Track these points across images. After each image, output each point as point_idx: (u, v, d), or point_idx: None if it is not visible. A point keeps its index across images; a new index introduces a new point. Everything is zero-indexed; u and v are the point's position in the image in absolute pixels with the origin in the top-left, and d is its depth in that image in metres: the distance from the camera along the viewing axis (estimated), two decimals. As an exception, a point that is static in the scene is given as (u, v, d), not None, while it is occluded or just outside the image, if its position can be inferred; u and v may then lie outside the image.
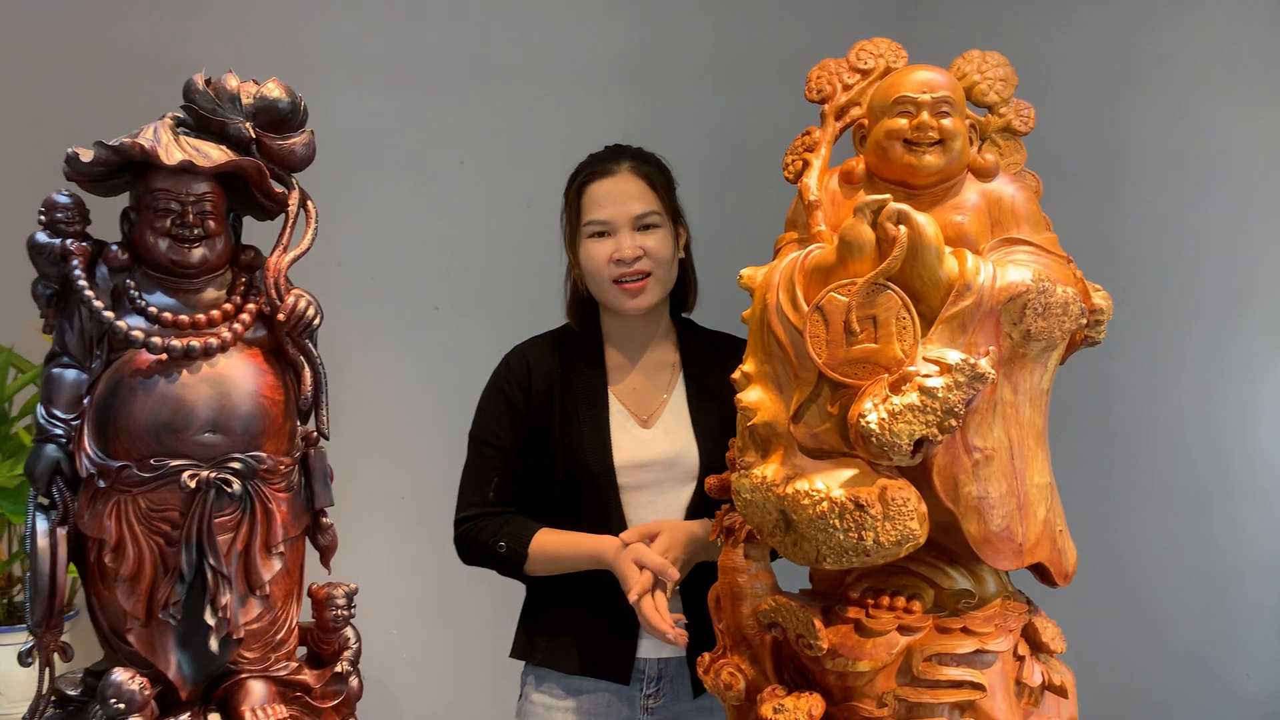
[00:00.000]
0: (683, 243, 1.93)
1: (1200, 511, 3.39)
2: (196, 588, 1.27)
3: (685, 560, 1.77)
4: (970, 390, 1.23)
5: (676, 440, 1.87)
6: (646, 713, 1.86)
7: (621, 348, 1.93)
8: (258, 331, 1.34)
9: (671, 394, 1.91)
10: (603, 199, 1.85)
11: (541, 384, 1.90)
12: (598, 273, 1.86)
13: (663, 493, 1.85)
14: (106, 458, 1.26)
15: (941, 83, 1.41)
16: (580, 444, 1.86)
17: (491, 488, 1.89)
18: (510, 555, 1.85)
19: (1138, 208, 3.27)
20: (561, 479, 1.88)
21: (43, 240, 1.31)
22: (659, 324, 1.94)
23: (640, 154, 1.91)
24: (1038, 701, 1.39)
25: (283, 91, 1.33)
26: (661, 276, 1.86)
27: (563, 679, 1.89)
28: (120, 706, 1.22)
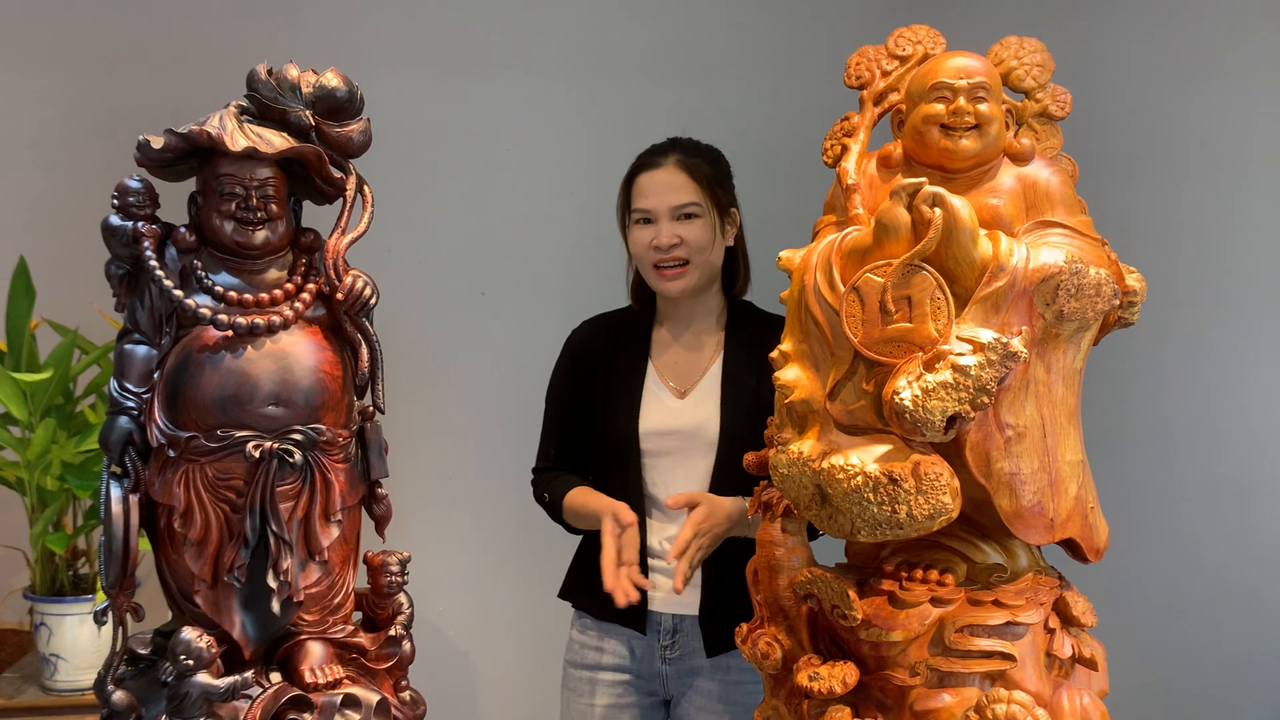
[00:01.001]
0: (733, 230, 2.03)
1: (1244, 502, 3.39)
2: (259, 552, 1.34)
3: (720, 534, 1.85)
4: (1002, 368, 1.27)
5: (702, 412, 1.97)
6: (665, 663, 2.00)
7: (670, 325, 2.06)
8: (317, 310, 1.39)
9: (710, 369, 2.01)
10: (647, 189, 1.98)
11: (594, 353, 2.06)
12: (641, 257, 2.00)
13: (684, 460, 1.97)
14: (176, 429, 1.33)
15: (978, 69, 1.44)
16: (614, 409, 2.00)
17: (552, 445, 2.10)
18: (552, 507, 2.05)
19: (1184, 193, 3.27)
20: (600, 441, 2.03)
21: (116, 223, 1.37)
22: (707, 304, 2.04)
23: (690, 147, 2.02)
24: (1068, 674, 1.42)
25: (340, 81, 1.39)
26: (700, 263, 1.96)
27: (595, 622, 2.05)
28: (189, 663, 1.29)
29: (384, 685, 1.44)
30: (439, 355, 2.90)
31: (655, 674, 2.00)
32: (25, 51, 3.05)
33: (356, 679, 1.40)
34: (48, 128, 3.05)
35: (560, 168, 2.95)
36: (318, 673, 1.36)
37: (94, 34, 3.05)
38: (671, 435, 1.97)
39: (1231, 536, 3.39)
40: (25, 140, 3.05)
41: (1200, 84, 3.24)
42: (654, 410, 1.99)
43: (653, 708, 2.03)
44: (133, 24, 3.06)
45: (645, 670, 2.01)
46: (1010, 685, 1.34)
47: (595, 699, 2.03)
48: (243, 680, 1.31)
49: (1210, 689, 3.41)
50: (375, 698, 1.38)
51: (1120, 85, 3.27)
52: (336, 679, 1.37)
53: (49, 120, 3.05)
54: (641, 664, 2.01)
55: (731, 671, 1.97)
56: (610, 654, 2.03)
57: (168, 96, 3.00)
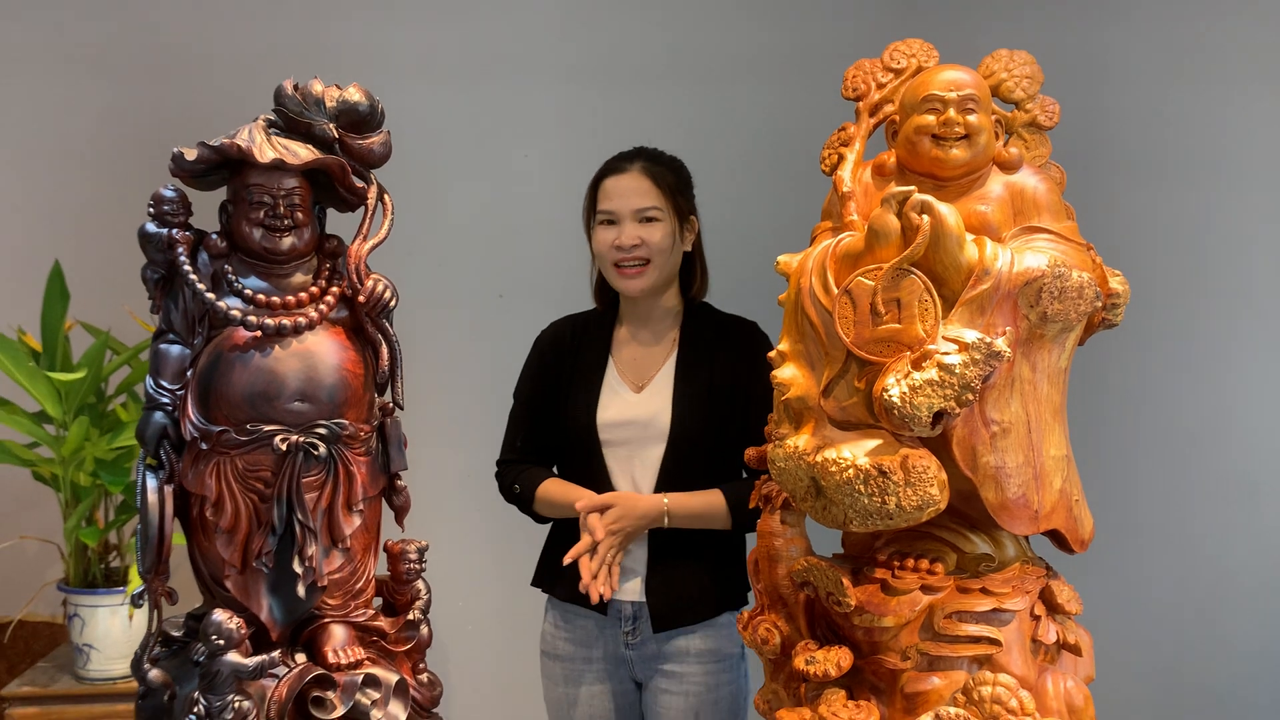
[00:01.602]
0: (692, 236, 2.12)
1: (1251, 500, 3.42)
2: (286, 540, 1.42)
3: (631, 531, 2.00)
4: (986, 367, 1.33)
5: (655, 404, 2.08)
6: (629, 648, 2.08)
7: (630, 324, 2.16)
8: (341, 312, 1.47)
9: (664, 365, 2.11)
10: (612, 192, 2.07)
11: (559, 352, 2.16)
12: (603, 256, 2.09)
13: (639, 449, 2.07)
14: (208, 423, 1.41)
15: (968, 81, 1.50)
16: (576, 403, 2.10)
17: (519, 438, 2.18)
18: (522, 497, 2.15)
19: (1187, 195, 3.31)
20: (564, 434, 2.13)
21: (152, 230, 1.44)
22: (664, 305, 2.14)
23: (654, 155, 2.12)
24: (1054, 659, 1.48)
25: (362, 95, 1.47)
26: (659, 264, 2.06)
27: (562, 607, 2.14)
28: (220, 642, 1.37)
29: (403, 667, 1.51)
30: (458, 356, 2.98)
31: (619, 658, 2.10)
32: (60, 64, 3.15)
33: (377, 660, 1.48)
34: (82, 138, 3.14)
35: (575, 173, 3.02)
36: (340, 654, 1.44)
37: (125, 48, 3.15)
38: (627, 426, 2.08)
39: (1242, 533, 3.43)
40: (61, 149, 3.15)
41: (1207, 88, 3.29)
42: (612, 403, 2.10)
43: (626, 693, 2.12)
44: (161, 38, 3.16)
45: (612, 655, 2.10)
46: (997, 669, 1.40)
47: (570, 686, 2.13)
48: (270, 660, 1.39)
49: (1221, 683, 3.45)
50: (394, 678, 1.46)
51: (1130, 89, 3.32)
52: (358, 660, 1.44)
53: (83, 130, 3.14)
54: (608, 649, 2.10)
55: (688, 654, 2.06)
56: (579, 642, 2.12)
57: (195, 107, 3.10)
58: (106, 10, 3.16)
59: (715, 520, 2.03)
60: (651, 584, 2.06)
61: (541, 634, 2.20)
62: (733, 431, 2.04)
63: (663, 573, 2.05)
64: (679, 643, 2.06)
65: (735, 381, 2.06)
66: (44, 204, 3.15)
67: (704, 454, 2.06)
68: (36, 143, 3.14)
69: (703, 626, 2.06)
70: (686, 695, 2.05)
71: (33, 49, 3.15)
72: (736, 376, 2.06)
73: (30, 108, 3.14)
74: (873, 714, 1.43)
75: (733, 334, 2.12)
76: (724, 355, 2.09)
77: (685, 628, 2.05)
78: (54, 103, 3.14)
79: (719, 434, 2.05)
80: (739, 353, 2.08)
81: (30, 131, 3.14)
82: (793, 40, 3.19)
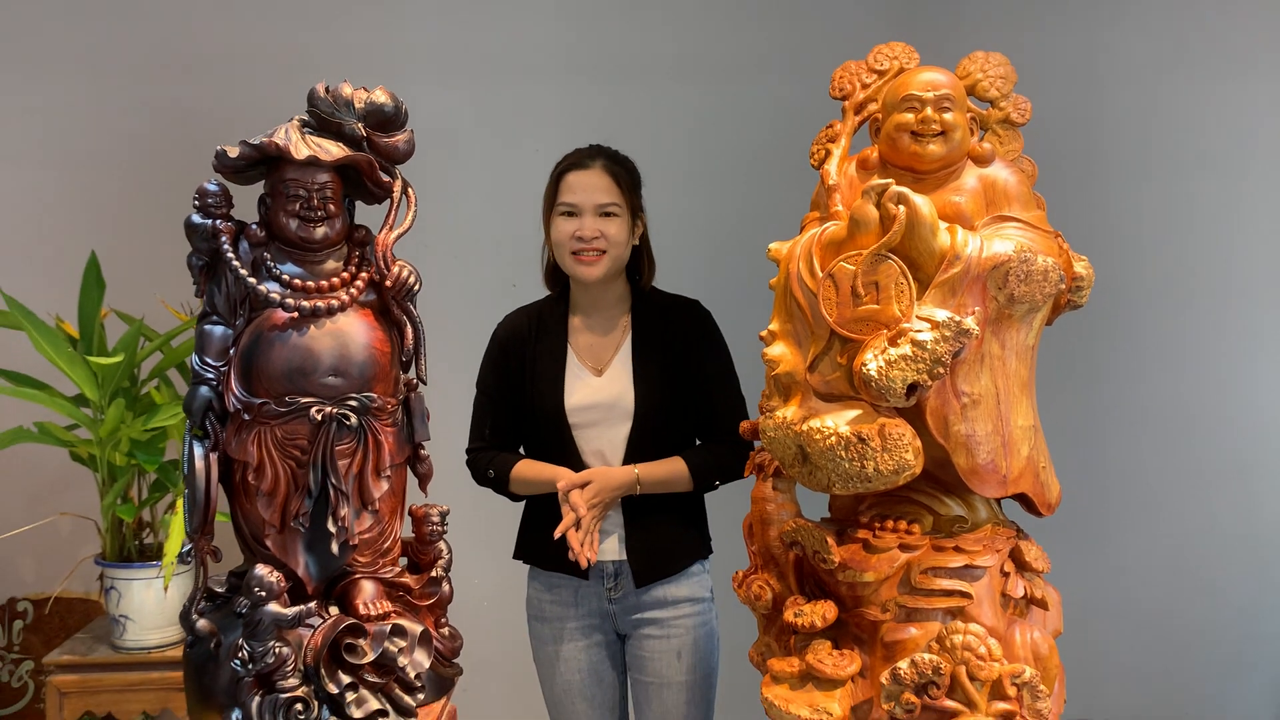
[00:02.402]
0: (639, 232, 2.26)
1: (1246, 481, 3.54)
2: (321, 502, 1.55)
3: (609, 501, 2.17)
4: (956, 343, 1.46)
5: (618, 385, 2.22)
6: (611, 602, 2.25)
7: (584, 312, 2.30)
8: (369, 295, 1.60)
9: (620, 348, 2.26)
10: (575, 186, 2.20)
11: (518, 343, 2.29)
12: (562, 244, 2.22)
13: (608, 429, 2.22)
14: (250, 396, 1.54)
15: (944, 82, 1.63)
16: (541, 391, 2.24)
17: (487, 426, 2.31)
18: (498, 480, 2.27)
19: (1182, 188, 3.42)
20: (532, 419, 2.26)
21: (197, 221, 1.57)
22: (615, 292, 2.28)
23: (613, 155, 2.26)
24: (1024, 613, 1.61)
25: (388, 98, 1.60)
26: (614, 255, 2.20)
27: (543, 575, 2.29)
28: (262, 594, 1.50)
29: (426, 620, 1.65)
30: (472, 342, 3.11)
31: (604, 613, 2.26)
32: (95, 68, 3.28)
33: (402, 613, 1.61)
34: (116, 138, 3.28)
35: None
36: (370, 606, 1.57)
37: (156, 52, 3.28)
38: (591, 408, 2.22)
39: (1237, 514, 3.55)
40: (96, 148, 3.28)
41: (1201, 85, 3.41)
42: (576, 388, 2.23)
43: (609, 645, 2.29)
44: (190, 42, 3.30)
45: (595, 611, 2.26)
46: (968, 620, 1.53)
47: (558, 644, 2.28)
48: (307, 610, 1.52)
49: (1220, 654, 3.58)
50: (419, 629, 1.59)
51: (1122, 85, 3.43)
52: (386, 612, 1.58)
53: (117, 130, 3.28)
54: (591, 607, 2.26)
55: (667, 601, 2.24)
56: (564, 603, 2.27)
57: (222, 108, 3.24)
58: (139, 17, 3.29)
59: (679, 484, 2.20)
60: (630, 544, 2.22)
61: (527, 600, 2.35)
62: (689, 404, 2.23)
63: (639, 534, 2.22)
64: (657, 593, 2.23)
65: (688, 358, 2.23)
66: (81, 199, 3.29)
67: (665, 427, 2.22)
68: (74, 142, 3.28)
69: (678, 577, 2.24)
70: (668, 638, 2.23)
71: (71, 54, 3.29)
72: (688, 353, 2.23)
73: (69, 110, 3.28)
74: (855, 662, 1.56)
75: (680, 314, 2.28)
76: (674, 335, 2.25)
77: (662, 580, 2.23)
78: (90, 105, 3.28)
79: (678, 409, 2.23)
80: (687, 331, 2.25)
81: (68, 132, 3.28)
82: (785, 44, 3.33)
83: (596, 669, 2.28)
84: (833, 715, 1.53)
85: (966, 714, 1.48)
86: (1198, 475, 3.55)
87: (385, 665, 1.54)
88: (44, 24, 3.30)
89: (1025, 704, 1.49)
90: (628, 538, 2.22)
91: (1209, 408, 3.55)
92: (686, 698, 2.24)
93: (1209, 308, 3.52)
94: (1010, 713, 1.48)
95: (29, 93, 3.29)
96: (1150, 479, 3.58)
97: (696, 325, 2.27)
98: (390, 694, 1.54)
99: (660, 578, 2.22)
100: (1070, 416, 3.51)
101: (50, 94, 3.28)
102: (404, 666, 1.55)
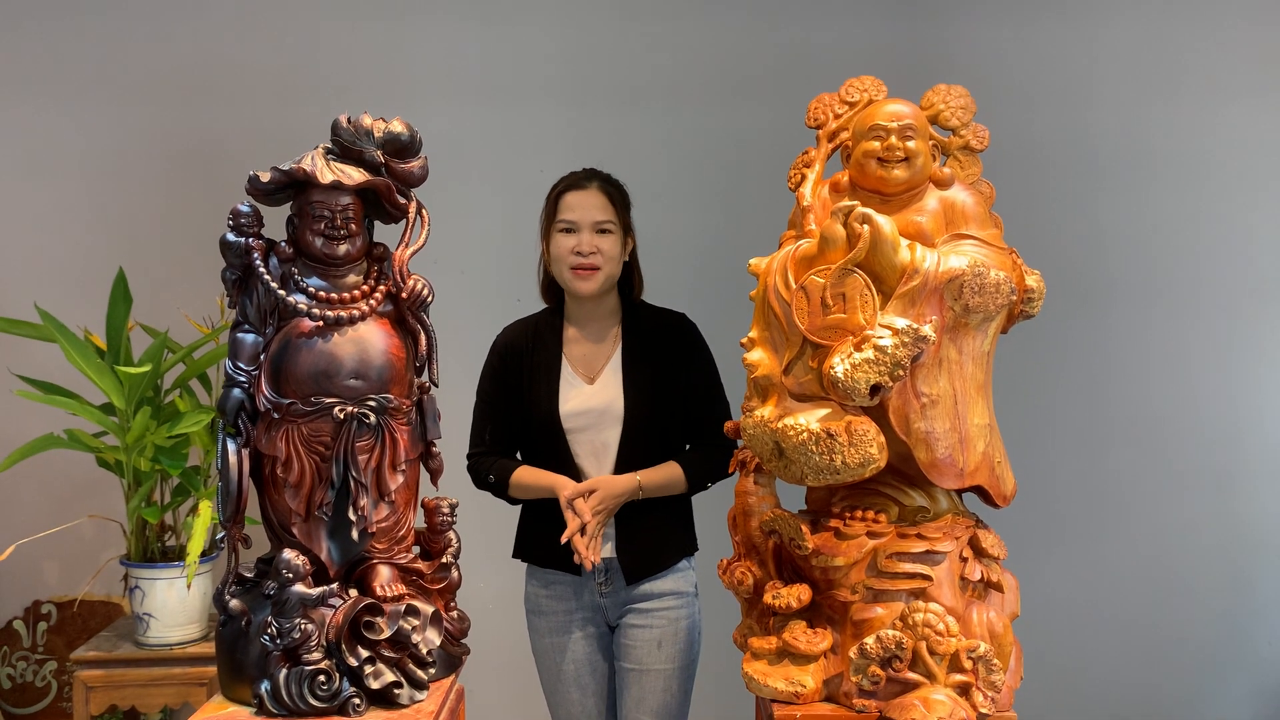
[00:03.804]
0: (629, 249, 2.41)
1: (1223, 490, 3.68)
2: (342, 493, 1.71)
3: (612, 507, 2.30)
4: (915, 348, 1.62)
5: (609, 393, 2.36)
6: (602, 596, 2.39)
7: (577, 323, 2.43)
8: (386, 306, 1.76)
9: (611, 358, 2.39)
10: (574, 205, 2.35)
11: (516, 353, 2.44)
12: (561, 259, 2.35)
13: (599, 434, 2.36)
14: (279, 397, 1.69)
15: (907, 113, 1.80)
16: (537, 398, 2.37)
17: (487, 432, 2.43)
18: (497, 485, 2.40)
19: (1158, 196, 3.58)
20: (529, 425, 2.39)
21: (231, 239, 1.72)
22: (607, 305, 2.42)
23: (607, 177, 2.41)
24: (982, 595, 1.76)
25: (404, 127, 1.76)
26: (609, 271, 2.34)
27: (540, 572, 2.43)
28: (289, 575, 1.65)
29: (436, 603, 1.80)
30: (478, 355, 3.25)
31: (596, 606, 2.40)
32: (122, 93, 3.44)
33: (416, 596, 1.76)
34: (142, 159, 3.43)
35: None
36: (386, 588, 1.72)
37: (182, 76, 3.44)
38: (586, 414, 2.35)
39: (1214, 522, 3.68)
40: (123, 169, 3.43)
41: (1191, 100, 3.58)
42: (570, 395, 2.36)
43: (601, 636, 2.43)
44: (211, 67, 3.46)
45: (588, 604, 2.40)
46: (929, 600, 1.68)
47: (556, 635, 2.42)
48: (330, 590, 1.68)
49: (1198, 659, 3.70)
50: (431, 609, 1.74)
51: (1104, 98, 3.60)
52: (401, 594, 1.73)
53: (143, 152, 3.43)
54: (584, 600, 2.40)
55: (653, 595, 2.37)
56: (561, 598, 2.41)
57: (243, 130, 3.40)
58: (165, 44, 3.45)
59: (676, 487, 2.35)
60: (621, 544, 2.36)
61: (525, 596, 2.49)
62: (676, 410, 2.37)
63: (629, 535, 2.35)
64: (644, 587, 2.37)
65: (675, 367, 2.37)
66: (109, 217, 3.44)
67: (654, 433, 2.36)
68: (102, 162, 3.43)
69: (664, 573, 2.38)
70: (652, 628, 2.36)
71: (101, 83, 3.45)
72: (676, 363, 2.38)
73: (98, 135, 3.43)
74: (827, 639, 1.72)
75: (668, 327, 2.42)
76: (663, 346, 2.39)
77: (650, 576, 2.37)
78: (118, 130, 3.43)
79: (666, 415, 2.37)
80: (675, 343, 2.40)
81: (97, 153, 3.43)
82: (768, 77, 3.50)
83: (589, 659, 2.42)
84: (806, 687, 1.69)
85: (927, 685, 1.63)
86: (1178, 480, 3.69)
87: (400, 642, 1.69)
88: (77, 51, 3.46)
89: (980, 676, 1.63)
90: (618, 538, 2.35)
91: (1189, 413, 3.69)
92: (663, 685, 2.37)
93: (1189, 314, 3.66)
94: (966, 684, 1.63)
95: (62, 117, 3.45)
96: (1129, 484, 3.72)
97: (683, 337, 2.41)
98: (404, 668, 1.69)
99: (648, 575, 2.36)
100: (1052, 423, 3.66)
101: (81, 120, 3.44)
102: (417, 643, 1.70)
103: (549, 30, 3.53)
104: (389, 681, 1.67)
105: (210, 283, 3.15)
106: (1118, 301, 3.64)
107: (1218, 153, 3.60)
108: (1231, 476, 3.69)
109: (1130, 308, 3.66)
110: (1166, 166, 3.60)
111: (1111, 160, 3.59)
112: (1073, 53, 3.58)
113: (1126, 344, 3.66)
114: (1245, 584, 3.71)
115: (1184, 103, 3.59)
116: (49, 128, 3.44)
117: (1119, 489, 3.68)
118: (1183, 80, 3.59)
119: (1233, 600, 3.71)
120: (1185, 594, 3.70)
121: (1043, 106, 3.56)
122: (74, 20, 3.45)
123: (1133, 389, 3.65)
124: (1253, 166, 3.61)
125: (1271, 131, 3.61)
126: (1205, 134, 3.60)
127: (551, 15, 3.53)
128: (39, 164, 3.45)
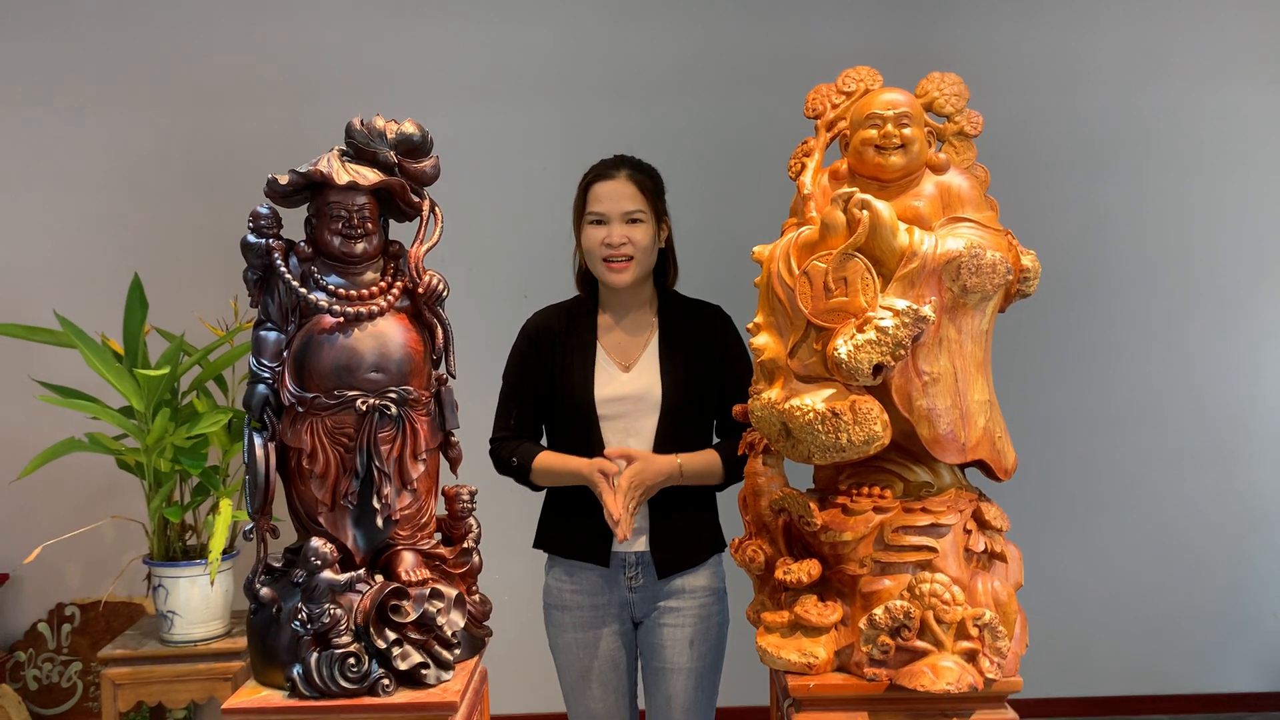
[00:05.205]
0: (664, 236, 2.40)
1: (1223, 465, 3.75)
2: (366, 483, 1.76)
3: (651, 487, 2.26)
4: (915, 328, 1.68)
5: (646, 380, 2.35)
6: (632, 591, 2.38)
7: (612, 311, 2.43)
8: (403, 302, 1.81)
9: (648, 346, 2.39)
10: (602, 196, 2.34)
11: (548, 338, 2.42)
12: (592, 251, 2.35)
13: (634, 421, 2.35)
14: (302, 391, 1.75)
15: (903, 101, 1.85)
16: (571, 383, 2.36)
17: (512, 417, 2.43)
18: (520, 469, 2.36)
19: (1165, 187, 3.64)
20: (559, 410, 2.38)
21: (252, 240, 1.78)
22: (642, 294, 2.42)
23: (637, 164, 2.39)
24: (986, 566, 1.82)
25: (416, 128, 1.82)
26: (641, 260, 2.33)
27: (565, 563, 2.41)
28: (318, 562, 1.71)
29: (459, 587, 1.85)
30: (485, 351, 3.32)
31: (624, 601, 2.38)
32: (138, 104, 3.51)
33: (439, 580, 1.82)
34: (157, 166, 3.50)
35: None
36: (410, 573, 1.78)
37: (194, 83, 3.50)
38: (619, 401, 2.34)
39: (1216, 498, 3.75)
40: (139, 177, 3.51)
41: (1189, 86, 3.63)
42: (605, 382, 2.35)
43: (625, 633, 2.41)
44: (221, 74, 3.52)
45: (615, 599, 2.38)
46: (935, 571, 1.74)
47: (582, 631, 2.39)
48: (357, 576, 1.74)
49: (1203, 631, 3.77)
50: (454, 593, 1.80)
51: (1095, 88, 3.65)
52: (425, 579, 1.78)
53: (159, 159, 3.50)
54: (611, 594, 2.38)
55: (685, 591, 2.37)
56: (588, 592, 2.38)
57: (254, 136, 3.47)
58: (179, 53, 3.52)
59: (713, 477, 2.34)
60: (654, 538, 2.34)
61: (545, 589, 2.45)
62: (712, 400, 2.36)
63: (662, 528, 2.34)
64: (676, 583, 2.37)
65: (711, 357, 2.37)
66: (126, 223, 3.51)
67: (689, 421, 2.35)
68: (119, 171, 3.51)
69: (697, 568, 2.38)
70: (683, 625, 2.36)
71: (114, 89, 3.51)
72: (711, 353, 2.37)
73: (114, 144, 3.50)
74: (837, 611, 1.78)
75: (704, 317, 2.41)
76: (699, 335, 2.38)
77: (682, 571, 2.37)
78: (134, 140, 3.50)
79: (701, 403, 2.36)
80: (712, 333, 2.39)
81: (113, 161, 3.51)
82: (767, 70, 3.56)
83: (613, 655, 2.39)
84: (818, 659, 1.74)
85: (934, 652, 1.68)
86: (1178, 457, 3.75)
87: (426, 624, 1.75)
88: (91, 61, 3.53)
89: (986, 643, 1.69)
90: (652, 531, 2.33)
91: (1188, 391, 3.76)
92: (695, 684, 2.35)
93: (1188, 293, 3.72)
94: (973, 650, 1.69)
95: (78, 127, 3.51)
96: (1131, 462, 3.78)
97: (721, 326, 2.40)
98: (430, 650, 1.75)
99: (680, 569, 2.35)
100: (1054, 403, 3.72)
101: (96, 130, 3.51)
102: (442, 625, 1.76)
103: (550, 28, 3.59)
104: (416, 663, 1.73)
105: (223, 286, 3.24)
106: (1118, 281, 3.71)
107: (1212, 134, 3.66)
108: (1231, 452, 3.76)
109: (1130, 287, 3.73)
110: (1161, 149, 3.66)
111: (1106, 143, 3.66)
112: (1067, 37, 3.64)
113: (1126, 323, 3.73)
114: (1245, 558, 3.78)
115: (1178, 85, 3.65)
116: (65, 137, 3.51)
117: (1121, 467, 3.75)
118: (1176, 63, 3.65)
119: (1233, 574, 3.78)
120: (1187, 568, 3.77)
121: (1036, 92, 3.62)
122: (88, 30, 3.52)
123: (1133, 367, 3.72)
124: (1248, 148, 3.67)
125: (1266, 114, 3.67)
126: (1199, 116, 3.66)
127: (553, 14, 3.59)
128: (55, 174, 3.52)
